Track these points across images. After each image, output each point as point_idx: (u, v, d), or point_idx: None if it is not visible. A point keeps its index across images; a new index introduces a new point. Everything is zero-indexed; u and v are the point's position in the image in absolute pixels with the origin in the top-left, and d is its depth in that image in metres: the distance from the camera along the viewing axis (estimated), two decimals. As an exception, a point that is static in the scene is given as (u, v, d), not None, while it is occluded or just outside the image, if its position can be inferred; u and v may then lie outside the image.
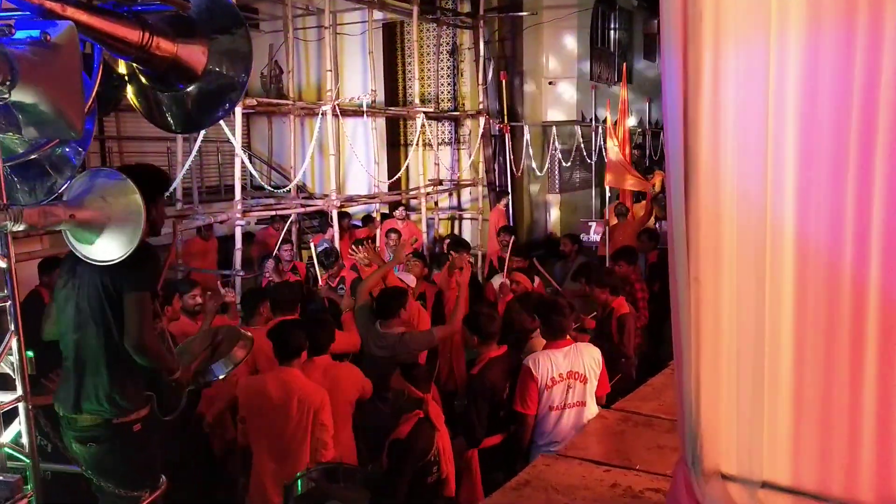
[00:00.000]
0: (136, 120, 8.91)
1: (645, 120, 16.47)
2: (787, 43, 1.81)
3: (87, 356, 2.78)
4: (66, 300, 2.83)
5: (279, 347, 3.67)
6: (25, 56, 2.01)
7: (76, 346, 2.80)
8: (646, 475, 3.14)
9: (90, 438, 2.80)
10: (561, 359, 3.80)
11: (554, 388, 3.76)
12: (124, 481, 2.84)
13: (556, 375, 3.76)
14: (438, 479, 3.42)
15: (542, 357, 3.81)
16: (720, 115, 1.92)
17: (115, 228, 2.54)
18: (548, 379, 3.74)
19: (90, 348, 2.77)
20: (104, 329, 2.75)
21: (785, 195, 1.87)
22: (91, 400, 2.76)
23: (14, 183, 2.66)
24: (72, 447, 2.87)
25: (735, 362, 2.00)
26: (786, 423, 1.92)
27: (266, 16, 12.44)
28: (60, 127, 2.17)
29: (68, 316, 2.82)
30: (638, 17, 16.24)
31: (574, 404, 3.81)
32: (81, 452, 2.83)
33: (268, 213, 8.67)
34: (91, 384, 2.77)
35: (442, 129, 12.81)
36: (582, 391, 3.83)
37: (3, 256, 2.19)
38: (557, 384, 3.77)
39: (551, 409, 3.76)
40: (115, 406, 2.77)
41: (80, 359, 2.79)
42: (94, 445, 2.80)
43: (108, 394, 2.76)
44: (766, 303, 1.92)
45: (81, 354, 2.79)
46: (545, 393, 3.74)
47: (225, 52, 2.95)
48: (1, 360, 2.19)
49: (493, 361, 3.97)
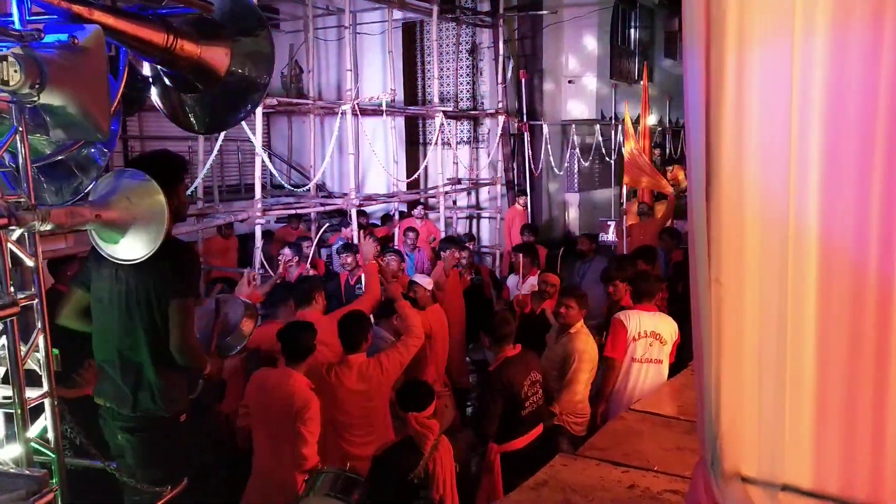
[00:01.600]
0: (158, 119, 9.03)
1: (665, 118, 16.35)
2: (813, 42, 1.79)
3: (140, 359, 2.88)
4: (110, 303, 2.90)
5: (288, 348, 3.67)
6: (54, 59, 2.05)
7: (128, 348, 2.89)
8: (664, 476, 3.13)
9: (140, 428, 2.91)
10: (647, 319, 4.47)
11: (638, 341, 4.42)
12: (157, 473, 2.92)
13: (642, 331, 4.42)
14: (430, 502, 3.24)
15: (631, 314, 4.50)
16: (743, 115, 1.91)
17: (139, 228, 2.58)
18: (635, 332, 4.39)
19: (143, 351, 2.87)
20: (155, 332, 2.85)
21: (809, 196, 1.85)
22: (146, 399, 2.88)
23: (41, 183, 2.71)
24: (116, 437, 2.96)
25: (756, 364, 1.99)
26: (808, 425, 1.90)
27: (286, 16, 12.52)
28: (87, 128, 2.21)
29: (114, 319, 2.90)
30: (659, 15, 16.12)
31: (653, 360, 4.43)
32: (127, 442, 2.93)
33: (287, 211, 8.73)
34: (146, 385, 2.88)
35: (461, 127, 12.81)
36: (660, 350, 4.42)
37: (31, 255, 2.23)
38: (641, 339, 4.42)
39: (633, 361, 4.40)
40: (171, 403, 2.92)
41: (132, 361, 2.88)
42: (141, 435, 2.91)
43: (163, 393, 2.89)
44: (789, 304, 1.90)
45: (134, 357, 2.88)
46: (631, 345, 4.37)
47: (247, 54, 2.99)
48: (28, 356, 2.23)
49: (510, 360, 4.00)
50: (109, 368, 2.93)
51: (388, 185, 10.83)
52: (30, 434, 2.22)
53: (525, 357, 4.06)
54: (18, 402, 2.15)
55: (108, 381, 2.94)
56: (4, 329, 2.13)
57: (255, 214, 7.36)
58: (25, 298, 2.19)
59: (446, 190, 10.91)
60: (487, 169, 12.31)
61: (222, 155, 10.50)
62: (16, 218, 2.08)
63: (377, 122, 10.86)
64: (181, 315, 2.83)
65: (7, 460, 2.17)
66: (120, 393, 2.90)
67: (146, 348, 2.86)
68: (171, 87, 3.10)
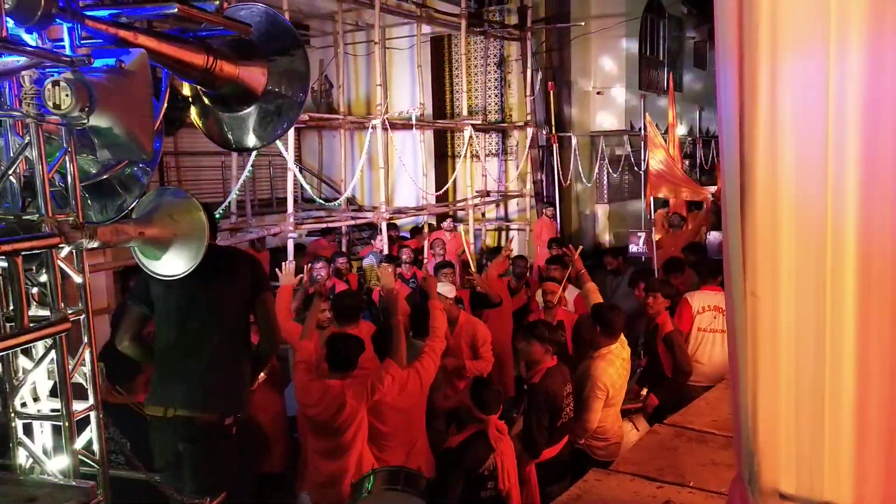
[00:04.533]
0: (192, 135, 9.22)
1: (695, 129, 16.21)
2: (847, 51, 1.78)
3: (209, 357, 3.10)
4: (178, 312, 3.13)
5: (333, 357, 3.74)
6: (102, 83, 2.12)
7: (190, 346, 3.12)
8: (700, 493, 3.10)
9: (201, 437, 3.06)
10: (711, 296, 5.21)
11: (704, 314, 5.17)
12: (207, 483, 3.02)
13: (706, 305, 5.18)
14: (497, 495, 3.42)
15: (697, 293, 5.32)
16: (777, 125, 1.90)
17: (180, 245, 2.66)
18: (699, 307, 5.17)
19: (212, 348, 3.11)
20: (229, 331, 3.16)
21: (847, 207, 1.83)
22: (209, 395, 3.08)
23: (86, 201, 2.80)
24: (174, 447, 3.09)
25: (794, 378, 1.97)
26: (848, 442, 1.88)
27: (317, 32, 12.72)
28: (132, 149, 2.28)
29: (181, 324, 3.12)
30: (687, 25, 16.03)
31: (718, 330, 5.11)
32: (186, 451, 3.07)
33: (319, 225, 8.84)
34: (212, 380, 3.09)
35: (489, 140, 12.86)
36: (723, 322, 4.93)
37: (79, 272, 2.30)
38: (707, 312, 5.18)
39: (699, 330, 5.14)
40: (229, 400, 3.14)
41: (198, 358, 3.10)
42: (202, 443, 3.07)
43: (228, 389, 3.13)
44: (827, 316, 1.88)
45: (200, 353, 3.10)
46: (697, 317, 5.15)
47: (283, 73, 3.05)
48: (75, 370, 2.30)
49: (551, 371, 4.03)
50: (178, 375, 3.09)
51: (418, 198, 10.90)
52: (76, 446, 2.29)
53: (561, 368, 4.10)
54: (66, 414, 2.22)
55: (174, 387, 3.09)
56: (53, 344, 2.20)
57: (288, 228, 7.47)
58: (73, 314, 2.26)
59: (475, 202, 10.94)
60: (516, 181, 12.32)
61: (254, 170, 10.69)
62: (65, 236, 2.15)
63: (406, 136, 10.96)
64: (270, 310, 3.30)
65: (55, 471, 2.23)
66: (190, 397, 3.06)
67: (216, 352, 3.10)
68: (210, 107, 3.18)
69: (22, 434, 2.28)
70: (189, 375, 3.09)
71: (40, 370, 2.27)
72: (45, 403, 2.32)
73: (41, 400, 2.32)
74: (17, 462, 2.28)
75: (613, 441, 4.32)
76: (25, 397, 2.29)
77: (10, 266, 2.06)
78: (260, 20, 3.04)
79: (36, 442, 2.30)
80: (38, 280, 2.26)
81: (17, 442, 2.27)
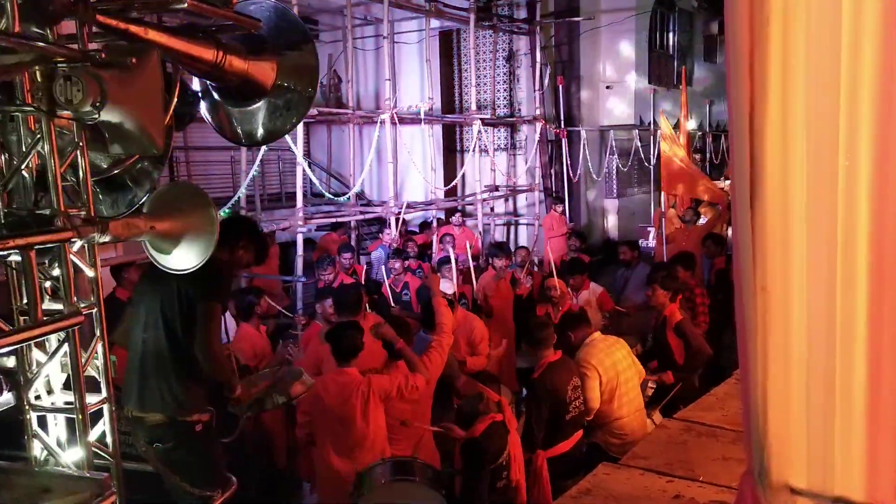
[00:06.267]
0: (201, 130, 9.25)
1: (705, 123, 16.12)
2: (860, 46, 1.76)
3: (153, 355, 2.99)
4: (142, 303, 3.06)
5: (336, 349, 3.77)
6: (113, 78, 2.14)
7: (143, 344, 3.02)
8: (710, 487, 3.09)
9: (156, 438, 3.00)
10: None
11: None
12: (192, 479, 3.00)
13: None
14: (508, 485, 3.45)
15: None
16: (789, 120, 1.89)
17: (191, 239, 2.67)
18: None
19: (158, 348, 2.98)
20: (172, 332, 2.97)
21: (859, 202, 1.82)
22: (155, 397, 2.97)
23: (97, 196, 2.82)
24: (139, 447, 3.05)
25: (804, 372, 1.96)
26: (860, 436, 1.87)
27: (325, 26, 12.72)
28: (143, 144, 2.30)
29: (141, 316, 3.04)
30: (698, 19, 15.92)
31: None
32: (149, 452, 3.02)
33: (328, 219, 8.85)
34: (155, 382, 2.98)
35: (498, 134, 12.84)
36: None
37: (91, 266, 2.32)
38: None
39: None
40: (176, 403, 2.97)
41: (147, 357, 3.01)
42: (159, 445, 3.00)
43: (171, 391, 2.96)
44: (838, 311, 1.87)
45: (148, 353, 3.00)
46: None
47: (293, 68, 3.06)
48: (88, 363, 2.32)
49: (552, 366, 4.03)
50: (133, 367, 3.05)
51: (427, 192, 10.90)
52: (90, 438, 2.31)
53: (566, 362, 4.10)
54: (80, 407, 2.24)
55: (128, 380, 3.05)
56: (66, 337, 2.22)
57: (297, 223, 7.49)
58: (86, 307, 2.28)
59: (484, 197, 10.93)
60: (525, 175, 12.30)
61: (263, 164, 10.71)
62: (78, 230, 2.17)
63: (415, 130, 10.95)
64: (207, 317, 2.92)
65: (69, 463, 2.26)
66: (131, 388, 3.01)
67: (165, 345, 2.97)
68: (220, 102, 3.19)
69: (36, 426, 2.31)
70: (134, 373, 3.04)
71: (54, 363, 2.29)
72: (58, 396, 2.35)
73: (55, 392, 2.35)
74: (31, 454, 2.31)
75: (631, 440, 4.31)
76: (39, 390, 2.32)
77: (23, 260, 2.08)
78: (269, 15, 3.05)
79: (50, 434, 2.33)
80: (51, 274, 2.28)
81: (31, 434, 2.30)
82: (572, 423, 4.01)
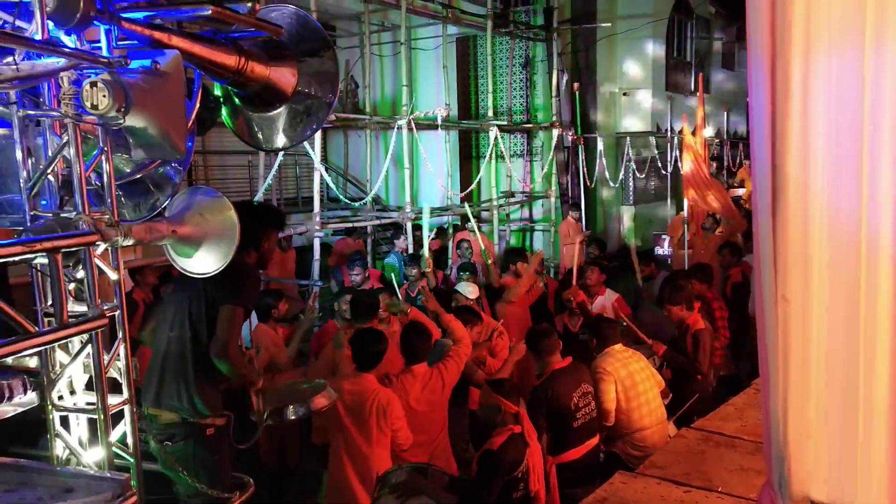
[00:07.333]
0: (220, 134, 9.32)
1: (723, 130, 16.03)
2: (884, 50, 1.75)
3: (175, 355, 3.00)
4: (171, 301, 3.11)
5: (359, 355, 3.78)
6: (138, 84, 2.17)
7: (167, 343, 3.03)
8: (728, 498, 3.06)
9: (167, 437, 3.00)
10: None
11: None
12: (198, 478, 3.00)
13: None
14: (526, 496, 3.43)
15: None
16: (810, 127, 1.87)
17: (211, 243, 2.70)
18: None
19: (180, 348, 3.00)
20: (196, 332, 2.98)
21: (882, 210, 1.80)
22: (172, 396, 2.98)
23: (120, 200, 2.85)
24: (150, 446, 3.04)
25: (825, 383, 1.94)
26: (882, 448, 1.85)
27: (343, 32, 12.79)
28: (166, 148, 2.33)
29: (169, 315, 3.07)
30: (715, 26, 15.85)
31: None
32: (158, 452, 3.02)
33: (344, 224, 8.89)
34: (174, 381, 2.98)
35: (514, 140, 12.83)
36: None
37: (114, 269, 2.35)
38: None
39: None
40: (191, 405, 2.97)
41: (168, 356, 3.02)
42: (169, 444, 3.00)
43: (188, 392, 2.97)
44: (861, 322, 1.86)
45: (171, 352, 3.02)
46: None
47: (313, 74, 3.09)
48: (110, 365, 2.35)
49: (557, 373, 4.03)
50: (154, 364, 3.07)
51: (443, 198, 10.92)
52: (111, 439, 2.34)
53: (576, 369, 4.08)
54: (102, 408, 2.27)
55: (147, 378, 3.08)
56: (90, 338, 2.25)
57: (315, 228, 7.53)
58: (108, 310, 2.31)
59: (500, 203, 10.93)
60: (541, 182, 12.28)
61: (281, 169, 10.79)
62: (101, 234, 2.21)
63: (431, 136, 10.98)
64: (228, 321, 2.91)
65: (90, 463, 2.29)
66: (149, 385, 3.03)
67: (187, 346, 2.98)
68: (241, 107, 3.23)
69: (59, 426, 2.34)
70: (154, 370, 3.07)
71: (76, 364, 2.33)
72: (80, 397, 2.38)
73: (77, 393, 2.38)
74: (54, 453, 2.34)
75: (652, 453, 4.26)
76: (62, 390, 2.35)
77: (50, 263, 2.11)
78: (290, 21, 3.08)
79: (72, 434, 2.36)
80: (75, 276, 2.31)
81: (54, 434, 2.33)
82: (582, 430, 3.97)
